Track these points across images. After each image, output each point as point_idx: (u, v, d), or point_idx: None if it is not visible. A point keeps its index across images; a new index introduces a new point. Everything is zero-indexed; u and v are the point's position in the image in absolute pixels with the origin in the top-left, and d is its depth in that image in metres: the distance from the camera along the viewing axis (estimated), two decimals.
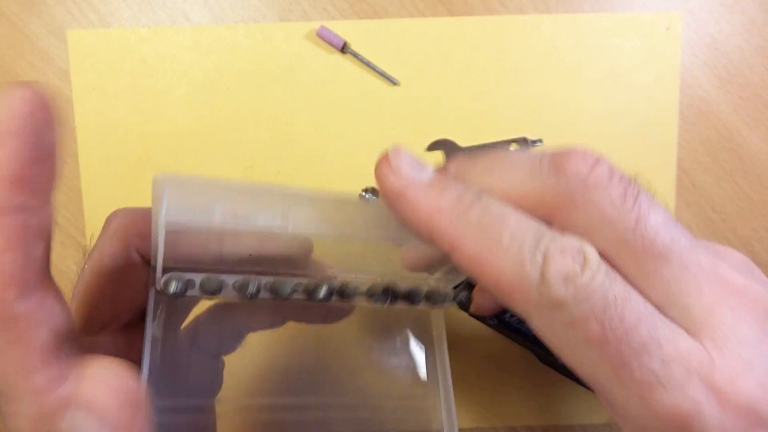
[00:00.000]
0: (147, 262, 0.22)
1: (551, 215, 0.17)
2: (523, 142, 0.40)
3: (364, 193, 0.36)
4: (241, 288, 0.22)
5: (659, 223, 0.16)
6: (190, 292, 0.22)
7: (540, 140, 0.40)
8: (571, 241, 0.16)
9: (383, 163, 0.18)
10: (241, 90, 0.40)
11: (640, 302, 0.15)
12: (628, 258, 0.16)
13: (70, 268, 0.42)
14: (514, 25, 0.40)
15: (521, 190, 0.17)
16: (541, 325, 0.16)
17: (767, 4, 0.40)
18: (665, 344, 0.15)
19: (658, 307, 0.16)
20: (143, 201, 0.40)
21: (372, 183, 0.41)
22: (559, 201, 0.17)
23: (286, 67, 0.40)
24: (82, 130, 0.40)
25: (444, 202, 0.17)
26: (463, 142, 0.41)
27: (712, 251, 0.17)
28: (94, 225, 0.41)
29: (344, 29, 0.40)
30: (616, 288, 0.15)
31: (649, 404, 0.14)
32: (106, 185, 0.41)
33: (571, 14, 0.40)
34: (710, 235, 0.42)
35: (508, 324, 0.29)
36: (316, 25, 0.40)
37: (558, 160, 0.17)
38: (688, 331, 0.15)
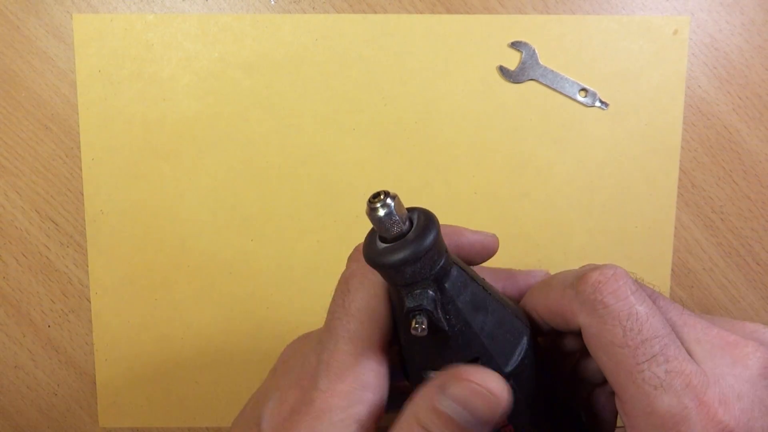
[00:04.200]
0: None
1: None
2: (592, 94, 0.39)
3: (378, 204, 0.19)
4: None
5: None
6: None
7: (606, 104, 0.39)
8: (605, 265, 0.20)
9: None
10: (246, 80, 0.40)
11: (659, 323, 0.19)
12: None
13: (69, 268, 0.42)
14: (519, 26, 0.40)
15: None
16: (583, 325, 0.20)
17: (767, 4, 0.40)
18: (672, 360, 0.19)
19: (678, 335, 0.20)
20: (144, 191, 0.41)
21: (373, 179, 0.41)
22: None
23: (292, 58, 0.40)
24: (85, 115, 0.40)
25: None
26: (461, 142, 0.40)
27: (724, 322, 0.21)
28: (94, 224, 0.41)
29: (345, 24, 0.40)
30: (641, 306, 0.19)
31: (651, 402, 0.18)
32: (107, 172, 0.41)
33: (580, 15, 0.40)
34: (710, 235, 0.42)
35: None
36: (319, 19, 0.40)
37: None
38: (695, 359, 0.19)
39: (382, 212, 0.19)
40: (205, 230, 0.41)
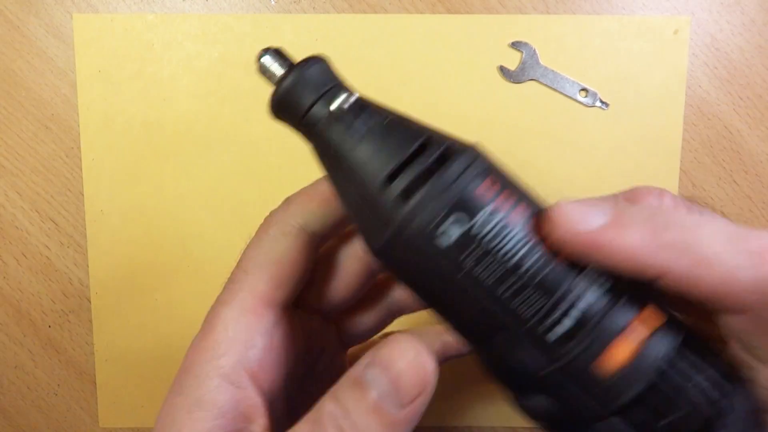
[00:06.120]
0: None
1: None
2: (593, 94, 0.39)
3: (259, 54, 0.24)
4: None
5: None
6: None
7: (606, 103, 0.39)
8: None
9: (555, 225, 0.20)
10: (246, 80, 0.40)
11: None
12: None
13: (69, 268, 0.42)
14: (519, 26, 0.40)
15: None
16: (758, 314, 0.18)
17: (767, 4, 0.40)
18: None
19: None
20: (144, 191, 0.41)
21: None
22: None
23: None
24: (85, 115, 0.40)
25: (636, 236, 0.18)
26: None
27: None
28: (94, 224, 0.41)
29: (345, 24, 0.40)
30: None
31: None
32: (107, 172, 0.41)
33: (580, 15, 0.40)
34: None
35: None
36: (319, 19, 0.40)
37: None
38: None
39: (262, 58, 0.23)
40: (205, 230, 0.41)
